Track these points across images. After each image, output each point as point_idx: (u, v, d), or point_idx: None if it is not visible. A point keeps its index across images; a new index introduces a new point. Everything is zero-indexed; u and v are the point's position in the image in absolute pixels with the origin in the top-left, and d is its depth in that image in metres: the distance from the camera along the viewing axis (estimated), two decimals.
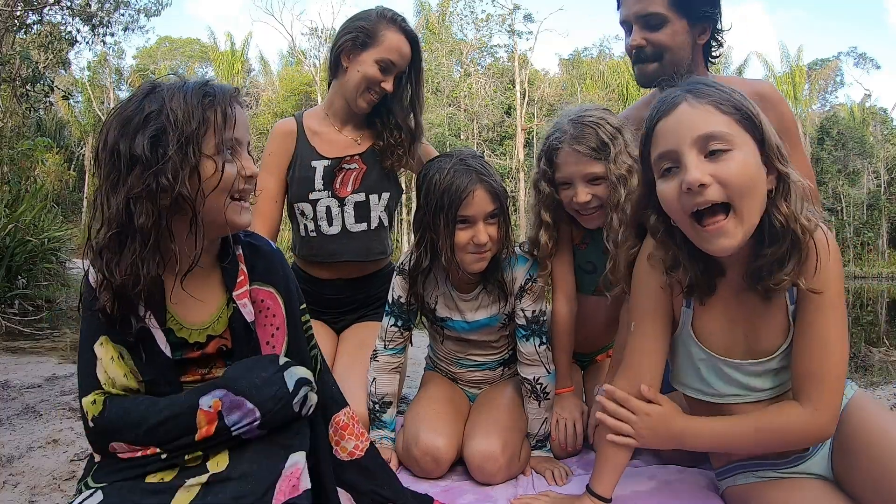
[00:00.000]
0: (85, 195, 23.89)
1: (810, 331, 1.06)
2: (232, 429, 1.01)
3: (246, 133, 1.10)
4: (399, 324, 1.69)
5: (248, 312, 1.15)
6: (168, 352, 1.09)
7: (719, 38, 1.76)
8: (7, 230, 5.38)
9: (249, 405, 1.01)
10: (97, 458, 1.07)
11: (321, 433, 1.20)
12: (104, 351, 1.06)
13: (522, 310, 1.59)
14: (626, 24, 1.76)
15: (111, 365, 1.06)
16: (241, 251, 1.19)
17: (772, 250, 1.02)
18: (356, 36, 1.88)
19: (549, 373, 1.60)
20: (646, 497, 1.31)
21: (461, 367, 1.75)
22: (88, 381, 1.06)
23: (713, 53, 1.79)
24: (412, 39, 1.93)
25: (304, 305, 1.25)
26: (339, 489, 1.18)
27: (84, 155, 24.26)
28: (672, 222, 1.09)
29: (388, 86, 1.90)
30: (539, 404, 1.60)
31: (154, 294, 1.07)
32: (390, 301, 1.69)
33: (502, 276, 1.58)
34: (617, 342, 1.71)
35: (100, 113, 24.64)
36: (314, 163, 1.96)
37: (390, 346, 1.69)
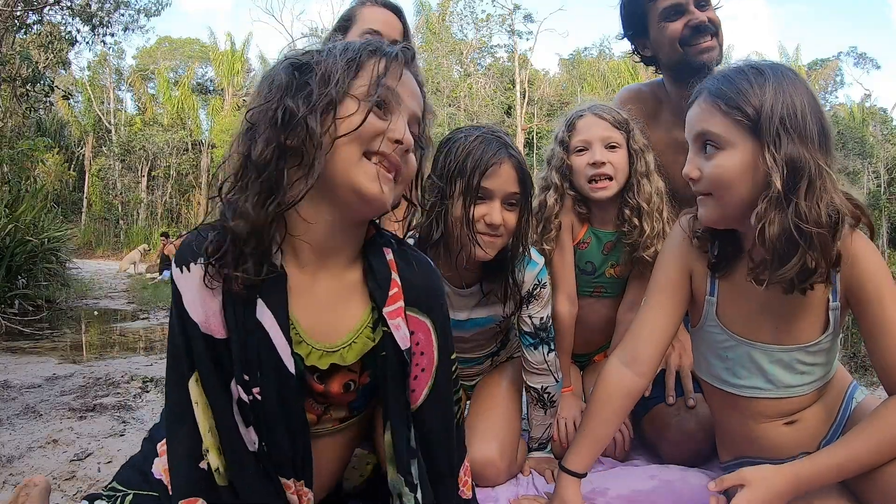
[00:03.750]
0: (85, 195, 23.86)
1: (878, 326, 1.06)
2: None
3: (413, 102, 0.90)
4: None
5: (403, 337, 0.88)
6: (291, 367, 0.84)
7: None
8: (7, 230, 5.39)
9: None
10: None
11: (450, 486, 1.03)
12: (197, 393, 0.84)
13: (530, 316, 1.51)
14: (677, 7, 1.75)
15: (200, 413, 0.84)
16: (391, 256, 0.93)
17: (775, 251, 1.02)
18: (339, 26, 1.92)
19: (557, 381, 1.56)
20: (646, 496, 1.31)
21: None
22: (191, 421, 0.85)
23: None
24: (393, 9, 1.91)
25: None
26: None
27: (84, 155, 24.22)
28: None
29: None
30: (545, 412, 1.57)
31: (275, 290, 0.84)
32: None
33: (508, 278, 1.44)
34: (613, 343, 1.72)
35: (100, 113, 24.62)
36: None
37: None
